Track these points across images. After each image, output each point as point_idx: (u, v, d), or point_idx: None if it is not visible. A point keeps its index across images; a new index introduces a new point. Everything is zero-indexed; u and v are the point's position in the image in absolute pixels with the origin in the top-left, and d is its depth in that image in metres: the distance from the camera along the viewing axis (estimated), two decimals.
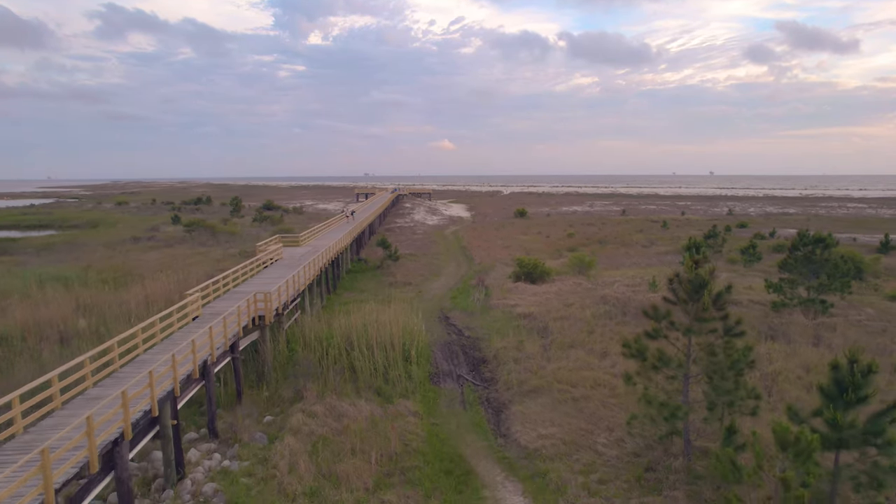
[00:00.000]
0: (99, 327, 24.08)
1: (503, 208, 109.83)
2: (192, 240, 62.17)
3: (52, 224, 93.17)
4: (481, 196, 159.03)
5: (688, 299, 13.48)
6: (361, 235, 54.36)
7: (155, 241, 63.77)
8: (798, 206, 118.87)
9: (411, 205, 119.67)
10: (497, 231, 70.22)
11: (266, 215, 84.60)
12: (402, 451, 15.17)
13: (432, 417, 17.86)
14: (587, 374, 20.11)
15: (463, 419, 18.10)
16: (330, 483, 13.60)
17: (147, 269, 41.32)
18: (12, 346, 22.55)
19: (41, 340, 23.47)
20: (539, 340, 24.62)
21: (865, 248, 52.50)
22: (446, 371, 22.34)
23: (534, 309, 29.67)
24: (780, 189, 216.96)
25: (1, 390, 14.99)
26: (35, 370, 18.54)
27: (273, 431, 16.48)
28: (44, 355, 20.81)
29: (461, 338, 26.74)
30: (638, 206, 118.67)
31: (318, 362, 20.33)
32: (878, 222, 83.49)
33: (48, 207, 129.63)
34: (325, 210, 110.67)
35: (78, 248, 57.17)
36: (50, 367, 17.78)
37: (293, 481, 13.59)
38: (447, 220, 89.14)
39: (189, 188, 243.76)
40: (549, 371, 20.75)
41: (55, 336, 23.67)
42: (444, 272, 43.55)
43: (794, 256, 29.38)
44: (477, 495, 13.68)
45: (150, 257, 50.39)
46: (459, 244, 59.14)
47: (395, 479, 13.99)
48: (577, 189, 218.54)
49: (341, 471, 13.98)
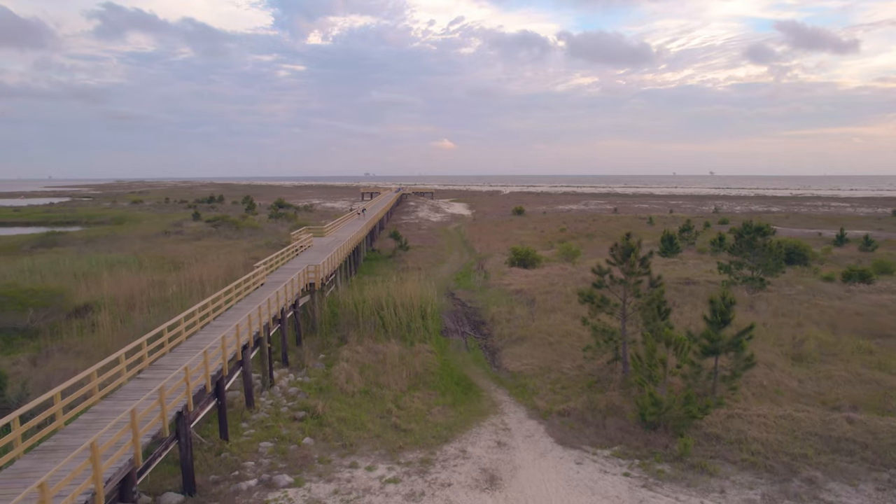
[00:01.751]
0: (182, 294, 30.26)
1: (502, 207, 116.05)
2: (217, 233, 68.23)
3: (77, 221, 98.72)
4: (481, 195, 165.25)
5: (622, 260, 19.65)
6: (374, 229, 60.61)
7: (183, 234, 69.72)
8: (783, 205, 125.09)
9: (415, 203, 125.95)
10: (496, 227, 76.42)
11: (281, 212, 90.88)
12: (424, 372, 21.38)
13: (444, 355, 24.06)
14: (561, 328, 26.32)
15: (466, 357, 24.29)
16: (376, 387, 19.81)
17: (186, 258, 47.27)
18: (112, 311, 28.67)
19: (131, 307, 29.62)
20: (527, 308, 30.83)
21: (825, 241, 58.72)
22: (453, 329, 28.55)
23: (524, 286, 35.88)
24: (773, 189, 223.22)
25: (136, 333, 21.11)
26: (156, 321, 24.72)
27: (328, 362, 22.68)
28: (151, 312, 26.98)
29: (464, 308, 32.94)
30: (631, 205, 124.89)
31: (355, 319, 26.53)
32: (852, 219, 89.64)
33: (67, 206, 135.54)
34: (332, 208, 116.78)
35: (118, 240, 63.23)
36: (161, 321, 23.92)
37: (349, 387, 19.79)
38: (449, 218, 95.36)
39: (194, 188, 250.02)
40: (533, 327, 26.98)
41: (144, 303, 29.82)
42: (448, 260, 49.75)
43: (739, 242, 35.56)
44: (477, 395, 19.87)
45: (184, 248, 56.33)
46: (461, 237, 65.36)
47: (420, 386, 20.19)
48: (574, 189, 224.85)
49: (383, 381, 20.20)
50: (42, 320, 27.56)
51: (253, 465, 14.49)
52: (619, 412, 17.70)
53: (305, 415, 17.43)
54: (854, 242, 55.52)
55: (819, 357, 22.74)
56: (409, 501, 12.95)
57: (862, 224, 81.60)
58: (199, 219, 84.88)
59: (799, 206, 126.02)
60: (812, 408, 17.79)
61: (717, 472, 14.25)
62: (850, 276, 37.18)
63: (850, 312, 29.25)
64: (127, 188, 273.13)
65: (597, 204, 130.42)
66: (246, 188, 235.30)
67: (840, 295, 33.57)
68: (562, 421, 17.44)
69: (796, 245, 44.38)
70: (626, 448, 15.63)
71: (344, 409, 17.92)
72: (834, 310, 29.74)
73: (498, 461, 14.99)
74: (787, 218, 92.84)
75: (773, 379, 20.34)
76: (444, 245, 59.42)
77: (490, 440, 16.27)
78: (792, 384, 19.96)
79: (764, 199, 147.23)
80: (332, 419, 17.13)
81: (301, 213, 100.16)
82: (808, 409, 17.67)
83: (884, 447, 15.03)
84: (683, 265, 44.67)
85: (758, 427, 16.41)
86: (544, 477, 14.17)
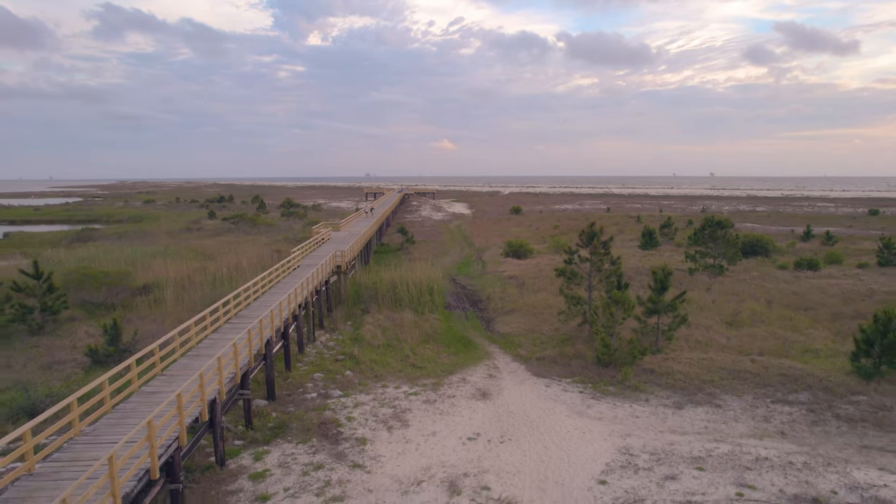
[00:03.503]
0: (224, 278, 35.86)
1: (501, 206, 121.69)
2: (237, 230, 73.76)
3: (98, 219, 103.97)
4: (481, 196, 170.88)
5: (587, 243, 25.27)
6: (382, 226, 66.26)
7: (204, 231, 75.17)
8: (770, 205, 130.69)
9: (417, 203, 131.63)
10: (494, 224, 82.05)
11: (292, 211, 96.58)
12: (432, 332, 27.01)
13: (448, 322, 29.68)
14: (545, 303, 31.92)
15: (466, 324, 29.92)
16: (395, 341, 25.44)
17: (213, 250, 52.76)
18: (172, 289, 34.24)
19: (186, 287, 35.19)
20: (518, 289, 36.46)
21: (795, 237, 64.33)
22: (455, 305, 34.16)
23: (517, 273, 41.52)
24: (767, 190, 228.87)
25: (196, 306, 26.66)
26: (210, 296, 30.31)
27: (356, 326, 28.31)
28: (202, 290, 32.57)
29: (464, 290, 38.56)
30: (624, 205, 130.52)
31: (374, 294, 32.15)
32: (830, 218, 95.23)
33: (82, 205, 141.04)
34: (339, 207, 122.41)
35: (146, 236, 68.80)
36: (213, 297, 29.50)
37: (375, 341, 25.41)
38: (450, 216, 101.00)
39: (199, 188, 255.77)
40: (521, 302, 32.61)
41: (195, 284, 35.38)
42: (450, 252, 55.39)
43: (702, 234, 41.16)
44: (474, 348, 25.48)
45: (208, 243, 61.73)
46: (462, 234, 71.01)
47: (429, 341, 25.81)
48: (572, 189, 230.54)
49: (401, 337, 25.83)
50: (113, 297, 33.18)
51: (311, 386, 20.12)
52: (582, 357, 23.33)
53: (344, 357, 23.08)
54: (819, 238, 61.09)
55: (749, 322, 28.35)
56: (426, 404, 18.57)
57: (837, 222, 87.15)
58: (214, 217, 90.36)
59: (786, 205, 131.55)
60: (729, 354, 23.40)
61: (646, 390, 19.87)
62: (800, 264, 42.83)
63: (789, 292, 34.86)
64: (132, 188, 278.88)
65: (592, 204, 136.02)
66: (249, 188, 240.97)
67: (787, 280, 39.18)
68: (538, 363, 23.08)
69: (759, 238, 50.04)
70: (583, 378, 21.25)
71: (373, 355, 23.56)
72: (777, 290, 35.36)
73: (489, 385, 20.61)
74: (769, 216, 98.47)
75: (707, 337, 25.95)
76: (446, 240, 65.04)
77: (483, 373, 21.90)
78: (721, 340, 25.56)
79: (754, 200, 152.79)
80: (364, 360, 22.76)
81: (310, 212, 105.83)
82: (726, 355, 23.29)
83: (769, 376, 20.65)
84: (660, 256, 50.25)
85: (683, 365, 22.03)
86: (521, 393, 19.79)
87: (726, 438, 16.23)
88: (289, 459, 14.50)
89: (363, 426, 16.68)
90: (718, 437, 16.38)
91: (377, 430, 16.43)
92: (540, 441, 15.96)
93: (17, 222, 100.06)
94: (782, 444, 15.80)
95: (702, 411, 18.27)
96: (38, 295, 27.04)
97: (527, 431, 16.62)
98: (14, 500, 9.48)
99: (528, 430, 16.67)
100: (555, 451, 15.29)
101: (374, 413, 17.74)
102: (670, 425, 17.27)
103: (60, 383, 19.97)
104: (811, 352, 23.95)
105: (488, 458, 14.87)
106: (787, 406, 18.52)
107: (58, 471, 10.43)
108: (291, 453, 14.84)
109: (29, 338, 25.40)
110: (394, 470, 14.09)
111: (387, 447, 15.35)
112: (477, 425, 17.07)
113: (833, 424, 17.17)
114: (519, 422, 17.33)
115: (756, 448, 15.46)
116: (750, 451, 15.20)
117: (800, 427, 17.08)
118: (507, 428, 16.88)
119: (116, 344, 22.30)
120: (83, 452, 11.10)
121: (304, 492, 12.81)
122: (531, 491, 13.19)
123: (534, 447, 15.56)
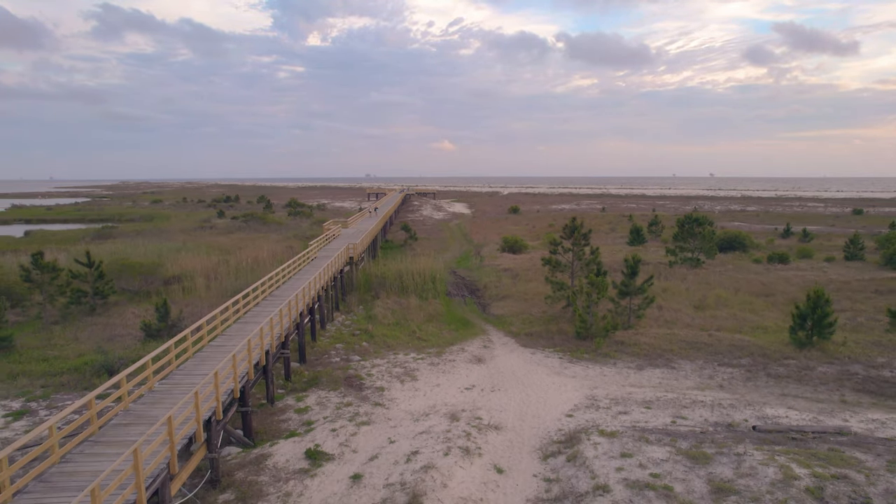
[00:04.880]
0: (245, 269, 39.73)
1: (500, 206, 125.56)
2: (248, 228, 77.58)
3: (110, 218, 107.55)
4: (481, 196, 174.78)
5: (570, 235, 29.11)
6: (387, 224, 70.14)
7: (216, 229, 78.91)
8: (761, 205, 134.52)
9: (419, 203, 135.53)
10: (493, 223, 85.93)
11: (299, 210, 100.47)
12: (435, 314, 30.86)
13: (449, 306, 33.56)
14: (535, 290, 35.76)
15: (465, 308, 33.78)
16: (403, 320, 29.31)
17: (229, 246, 56.49)
18: (201, 279, 38.07)
19: (212, 277, 39.01)
20: (511, 279, 40.33)
21: (777, 234, 68.18)
22: (455, 293, 38.02)
23: (511, 266, 45.39)
24: (762, 190, 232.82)
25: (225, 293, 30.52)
26: (236, 284, 34.13)
27: (367, 309, 32.17)
28: (228, 280, 36.42)
29: (463, 280, 42.42)
30: (619, 205, 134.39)
31: (382, 283, 36.02)
32: (816, 217, 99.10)
33: (90, 205, 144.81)
34: (342, 207, 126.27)
35: (162, 233, 72.58)
36: (239, 285, 33.35)
37: (385, 320, 29.28)
38: (451, 216, 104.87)
39: (202, 188, 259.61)
40: (514, 290, 36.47)
41: (220, 274, 39.21)
42: (450, 248, 59.26)
43: (681, 230, 45.03)
44: (472, 326, 29.34)
45: (222, 239, 65.49)
46: (462, 231, 74.88)
47: (433, 321, 29.67)
48: (571, 190, 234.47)
49: (408, 317, 29.69)
50: (147, 285, 37.06)
51: (335, 353, 24.00)
52: (564, 333, 27.19)
53: (360, 332, 26.98)
54: (797, 235, 64.96)
55: (714, 306, 32.20)
56: (430, 366, 22.44)
57: (822, 221, 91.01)
58: (223, 216, 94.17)
59: (777, 205, 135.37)
60: (690, 330, 27.25)
61: (615, 357, 23.73)
62: (772, 258, 46.68)
63: (757, 282, 38.71)
64: (136, 189, 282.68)
65: (588, 204, 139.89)
66: (251, 189, 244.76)
67: (759, 272, 43.02)
68: (526, 337, 26.96)
69: (737, 235, 53.97)
70: (563, 348, 25.12)
71: (384, 331, 27.44)
72: (746, 280, 39.20)
73: (483, 353, 24.48)
74: (758, 215, 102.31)
75: (675, 317, 29.81)
76: (446, 237, 68.91)
77: (479, 345, 25.78)
78: (686, 320, 29.42)
79: (747, 200, 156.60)
80: (377, 335, 26.65)
81: (316, 212, 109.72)
82: (687, 331, 27.15)
83: (720, 346, 24.51)
84: (645, 251, 54.11)
85: (649, 338, 25.89)
86: (510, 359, 23.66)
87: (674, 390, 20.09)
88: (324, 400, 18.39)
89: (380, 380, 20.57)
90: (668, 389, 20.24)
91: (392, 382, 20.31)
92: (523, 391, 19.83)
93: (32, 221, 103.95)
94: (718, 394, 19.66)
95: (658, 372, 22.14)
96: (90, 281, 30.90)
97: (513, 384, 20.49)
98: (137, 411, 13.19)
99: (514, 384, 20.55)
100: (534, 398, 19.16)
101: (389, 371, 21.63)
102: (631, 381, 21.14)
103: (123, 352, 23.80)
104: (761, 328, 27.82)
105: (481, 401, 18.74)
106: (730, 368, 22.38)
107: (153, 403, 13.84)
108: (325, 396, 18.72)
109: (86, 317, 29.28)
110: (407, 407, 17.97)
111: (400, 393, 19.24)
112: (472, 380, 20.95)
113: (763, 380, 21.03)
114: (507, 378, 21.20)
115: (696, 396, 19.33)
116: (690, 398, 19.06)
117: (736, 382, 20.94)
118: (497, 382, 20.75)
119: (166, 320, 26.15)
120: (169, 392, 14.49)
121: (339, 419, 16.67)
122: (513, 421, 17.05)
123: (518, 395, 19.43)
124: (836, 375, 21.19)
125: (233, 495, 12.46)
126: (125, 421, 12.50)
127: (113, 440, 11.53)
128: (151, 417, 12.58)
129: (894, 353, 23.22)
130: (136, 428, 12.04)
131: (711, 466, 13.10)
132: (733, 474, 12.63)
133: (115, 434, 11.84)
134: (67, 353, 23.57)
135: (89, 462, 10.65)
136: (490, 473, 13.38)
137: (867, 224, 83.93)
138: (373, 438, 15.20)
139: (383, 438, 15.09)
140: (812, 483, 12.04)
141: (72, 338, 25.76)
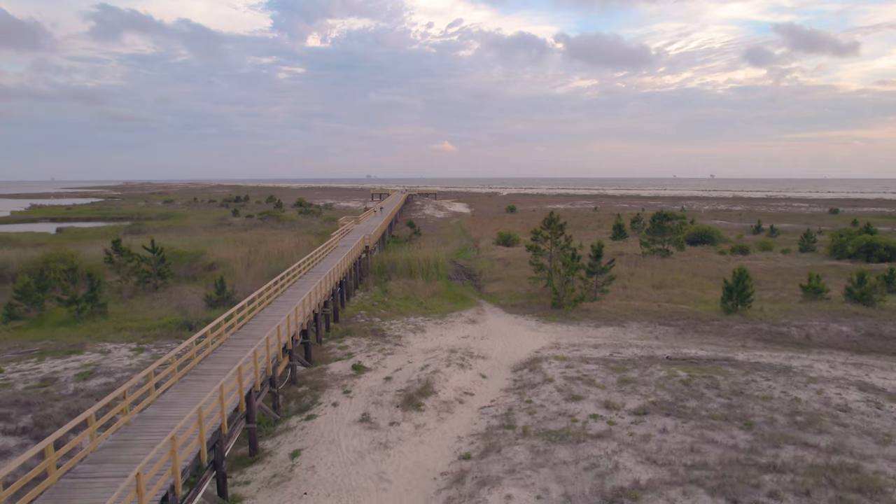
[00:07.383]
0: (274, 257, 46.23)
1: (499, 206, 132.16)
2: (264, 225, 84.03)
3: (129, 217, 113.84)
4: (481, 196, 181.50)
5: (548, 226, 35.61)
6: (392, 221, 76.72)
7: (234, 226, 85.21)
8: (747, 205, 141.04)
9: (421, 203, 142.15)
10: (490, 221, 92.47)
11: (309, 209, 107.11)
12: (438, 291, 37.40)
13: (450, 287, 40.08)
14: (522, 275, 42.26)
15: (463, 288, 40.32)
16: (412, 296, 35.85)
17: (252, 240, 62.68)
18: (238, 265, 44.49)
19: (244, 265, 45.48)
20: (503, 266, 46.86)
21: (749, 230, 74.68)
22: (455, 277, 44.55)
23: (504, 256, 51.94)
24: (751, 191, 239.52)
25: (261, 276, 37.06)
26: (269, 269, 40.63)
27: (382, 288, 38.70)
28: (262, 265, 42.92)
29: (462, 268, 48.93)
30: (613, 205, 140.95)
31: (393, 268, 42.57)
32: (795, 216, 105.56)
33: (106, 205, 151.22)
34: (348, 207, 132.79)
35: (186, 230, 79.02)
36: (272, 271, 39.88)
37: (397, 295, 35.79)
38: (451, 215, 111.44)
39: (207, 189, 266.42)
40: (505, 274, 43.03)
41: (252, 262, 45.67)
42: (451, 242, 65.76)
43: (654, 225, 51.53)
44: (468, 300, 35.86)
45: (243, 235, 71.78)
46: (462, 228, 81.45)
47: (436, 297, 36.20)
48: (568, 190, 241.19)
49: (416, 293, 36.25)
50: (192, 271, 43.56)
51: (360, 316, 30.53)
52: (542, 305, 33.70)
53: (378, 303, 33.53)
54: (766, 231, 71.45)
55: (671, 286, 38.70)
56: (435, 325, 28.97)
57: (799, 220, 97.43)
58: (238, 215, 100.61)
59: (764, 205, 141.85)
60: (644, 303, 33.72)
61: (579, 320, 30.23)
62: (734, 250, 53.19)
63: (714, 268, 45.21)
64: (142, 189, 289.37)
65: (583, 204, 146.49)
66: (254, 189, 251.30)
67: (720, 261, 49.53)
68: (511, 307, 33.49)
69: (707, 229, 60.52)
70: (539, 315, 31.62)
71: (398, 303, 33.97)
72: (706, 268, 45.70)
73: (476, 317, 31.00)
74: (740, 214, 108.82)
75: (635, 294, 36.30)
76: (447, 233, 75.43)
77: (474, 312, 32.30)
78: (644, 295, 35.90)
79: (737, 200, 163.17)
80: (392, 305, 33.19)
81: (324, 211, 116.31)
82: (642, 303, 33.61)
83: (665, 313, 31.01)
84: (625, 244, 60.67)
85: (610, 307, 32.38)
86: (498, 321, 30.17)
87: (619, 340, 26.61)
88: (357, 342, 24.97)
89: (398, 331, 27.16)
90: (615, 339, 26.75)
91: (406, 333, 26.88)
92: (505, 340, 26.36)
93: (57, 219, 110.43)
94: (652, 342, 26.17)
95: (611, 329, 28.67)
96: (153, 265, 37.42)
97: (498, 336, 27.03)
98: (221, 353, 19.50)
99: (499, 336, 27.09)
100: (513, 343, 25.69)
101: (403, 327, 28.21)
102: (588, 334, 27.67)
103: (195, 315, 30.31)
104: (703, 302, 34.32)
105: (474, 344, 25.28)
106: (667, 327, 28.88)
107: (236, 346, 20.10)
108: (358, 341, 25.30)
109: (151, 294, 35.80)
110: (419, 346, 24.54)
111: (413, 339, 25.82)
112: (468, 333, 27.51)
113: (691, 335, 27.54)
114: (494, 332, 27.74)
115: (635, 342, 25.84)
116: (630, 343, 25.57)
117: (669, 336, 27.45)
118: (486, 334, 27.31)
119: (222, 293, 32.68)
120: (249, 335, 20.91)
121: (371, 351, 23.22)
122: (496, 354, 23.58)
123: (501, 342, 25.96)
124: (746, 331, 27.70)
125: (308, 388, 18.99)
126: (212, 361, 18.58)
127: (212, 369, 17.03)
128: (236, 356, 18.88)
129: (797, 316, 29.73)
130: (223, 366, 17.97)
131: (624, 373, 19.62)
132: (637, 376, 19.15)
133: (208, 370, 17.20)
134: (149, 316, 30.08)
135: (197, 384, 15.81)
136: (477, 378, 19.93)
137: (839, 222, 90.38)
138: (396, 361, 21.77)
139: (403, 360, 21.67)
140: (686, 377, 18.55)
141: (147, 307, 32.30)
